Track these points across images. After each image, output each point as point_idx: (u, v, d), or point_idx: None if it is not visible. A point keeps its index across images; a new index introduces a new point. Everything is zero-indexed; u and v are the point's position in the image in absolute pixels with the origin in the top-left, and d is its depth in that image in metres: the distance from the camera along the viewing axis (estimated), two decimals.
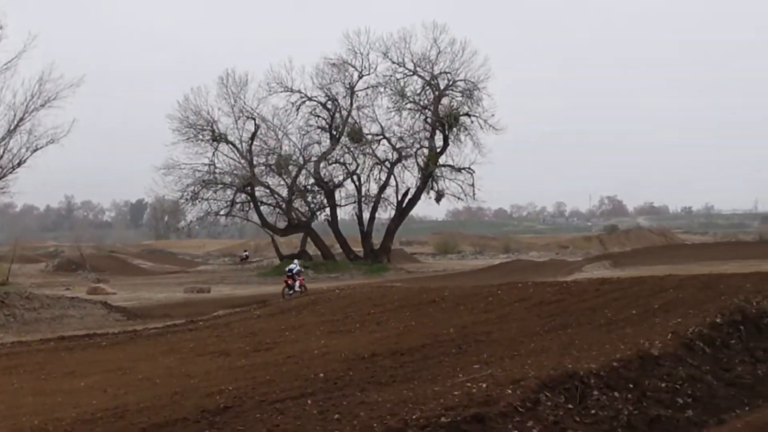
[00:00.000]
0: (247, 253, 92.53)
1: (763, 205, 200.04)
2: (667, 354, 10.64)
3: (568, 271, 50.05)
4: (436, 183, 68.06)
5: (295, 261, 44.74)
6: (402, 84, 66.30)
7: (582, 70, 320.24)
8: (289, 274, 39.15)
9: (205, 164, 66.54)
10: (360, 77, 66.85)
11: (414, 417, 7.68)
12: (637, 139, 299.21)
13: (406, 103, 66.61)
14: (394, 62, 66.23)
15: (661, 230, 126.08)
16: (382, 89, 67.02)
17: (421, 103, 67.08)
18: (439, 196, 68.28)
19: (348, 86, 66.99)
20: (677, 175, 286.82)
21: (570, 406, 8.79)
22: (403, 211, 69.50)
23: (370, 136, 67.98)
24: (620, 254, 69.69)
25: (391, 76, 66.49)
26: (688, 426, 9.31)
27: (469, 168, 67.15)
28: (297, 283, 38.37)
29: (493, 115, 65.45)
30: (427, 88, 66.88)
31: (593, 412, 8.83)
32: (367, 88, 67.41)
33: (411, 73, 66.47)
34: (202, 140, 66.45)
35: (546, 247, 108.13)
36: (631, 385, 9.60)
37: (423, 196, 68.49)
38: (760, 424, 9.48)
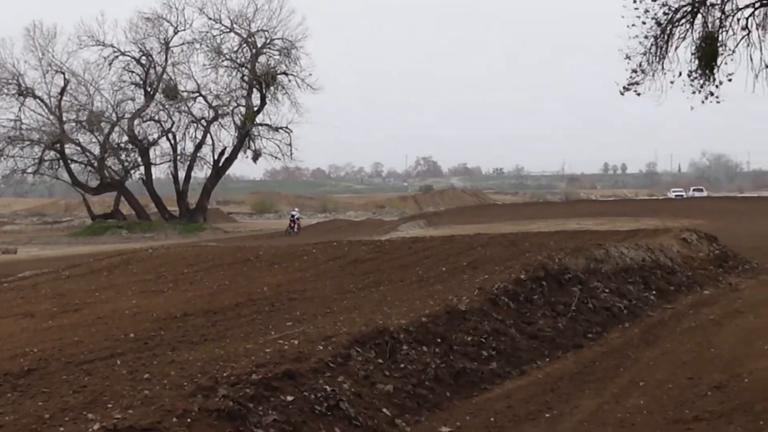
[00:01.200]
0: None
1: (570, 167, 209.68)
2: (474, 309, 11.03)
3: (384, 230, 50.79)
4: (253, 142, 67.37)
5: (296, 209, 62.41)
6: (218, 41, 65.14)
7: (405, 35, 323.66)
8: (292, 219, 55.54)
9: (11, 120, 63.68)
10: (175, 33, 65.26)
11: (225, 375, 7.65)
12: (453, 102, 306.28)
13: (223, 61, 65.46)
14: (210, 18, 64.85)
15: (473, 191, 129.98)
16: (198, 46, 65.66)
17: (238, 60, 66.01)
18: (256, 156, 67.66)
19: (163, 42, 65.27)
20: (491, 137, 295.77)
21: (380, 360, 8.99)
22: (219, 170, 68.57)
23: (185, 94, 66.50)
24: (434, 214, 71.30)
25: (207, 32, 65.15)
26: (492, 377, 9.72)
27: (286, 127, 66.80)
28: (296, 225, 54.10)
29: (310, 75, 65.26)
30: (244, 45, 65.84)
31: (402, 366, 9.08)
32: (183, 44, 65.89)
33: (228, 30, 65.32)
34: (7, 94, 63.48)
35: (363, 207, 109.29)
36: (439, 340, 9.92)
37: (240, 155, 67.72)
38: (558, 374, 10.01)
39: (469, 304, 11.14)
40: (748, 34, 20.76)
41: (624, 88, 21.55)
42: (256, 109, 66.09)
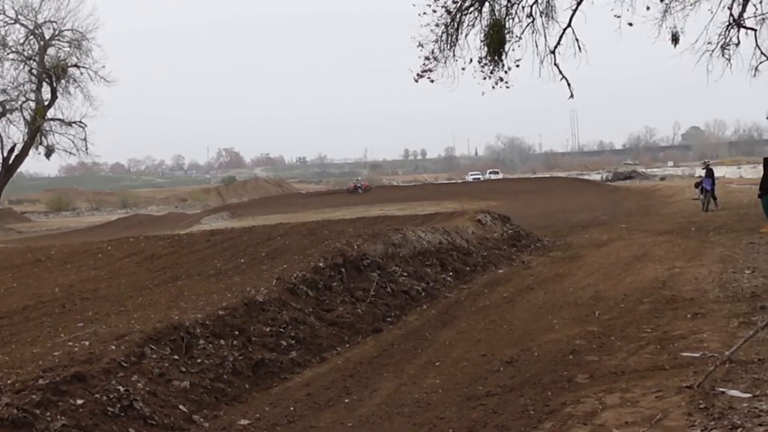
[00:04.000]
0: None
1: (372, 154, 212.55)
2: (272, 299, 11.02)
3: (187, 224, 50.06)
4: (46, 138, 64.18)
5: (360, 177, 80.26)
6: (2, 33, 61.77)
7: (204, 23, 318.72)
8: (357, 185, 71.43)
9: None
10: None
11: (9, 382, 7.29)
12: (253, 92, 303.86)
13: (8, 54, 62.03)
14: None
15: (277, 180, 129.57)
16: None
17: (26, 53, 62.76)
18: (49, 152, 64.48)
19: None
20: (293, 126, 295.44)
21: (176, 357, 8.83)
22: (9, 168, 65.02)
23: None
24: (238, 205, 70.95)
25: None
26: (291, 366, 9.74)
27: (80, 122, 64.12)
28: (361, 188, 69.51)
29: (104, 67, 62.98)
30: (32, 37, 62.66)
31: (199, 360, 8.95)
32: None
33: (12, 21, 61.78)
34: None
35: (165, 201, 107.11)
36: (236, 332, 9.84)
37: (32, 151, 64.36)
38: (358, 359, 10.15)
39: (268, 294, 11.12)
40: (532, 21, 21.70)
41: (418, 75, 22.05)
42: (46, 103, 63.04)
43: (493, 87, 21.74)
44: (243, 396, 8.73)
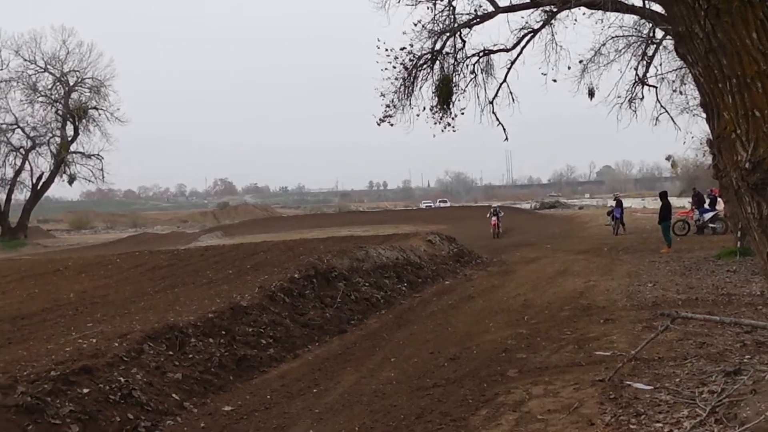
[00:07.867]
0: None
1: (342, 185, 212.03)
2: (254, 305, 10.82)
3: (187, 241, 49.43)
4: (68, 167, 63.55)
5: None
6: (34, 79, 61.17)
7: (200, 74, 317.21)
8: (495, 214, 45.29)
9: None
10: None
11: (25, 374, 7.03)
12: (244, 131, 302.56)
13: (38, 97, 61.50)
14: (25, 60, 60.78)
15: (263, 206, 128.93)
16: (15, 84, 61.36)
17: (53, 97, 62.19)
18: (72, 179, 63.94)
19: None
20: (276, 159, 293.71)
21: (171, 352, 8.61)
22: (38, 192, 64.29)
23: (5, 126, 61.97)
24: (230, 226, 70.26)
25: (23, 72, 60.97)
26: (269, 361, 9.54)
27: (98, 155, 63.61)
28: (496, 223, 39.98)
29: (118, 109, 62.63)
30: (58, 83, 62.19)
31: (191, 356, 8.74)
32: (1, 82, 61.39)
33: (42, 69, 61.33)
34: None
35: (169, 222, 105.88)
36: (223, 332, 9.63)
37: (57, 179, 63.82)
38: (325, 356, 9.96)
39: (251, 300, 10.93)
40: (475, 77, 21.69)
41: (380, 119, 21.93)
42: (70, 138, 62.61)
43: (443, 131, 21.66)
44: (227, 386, 8.52)
